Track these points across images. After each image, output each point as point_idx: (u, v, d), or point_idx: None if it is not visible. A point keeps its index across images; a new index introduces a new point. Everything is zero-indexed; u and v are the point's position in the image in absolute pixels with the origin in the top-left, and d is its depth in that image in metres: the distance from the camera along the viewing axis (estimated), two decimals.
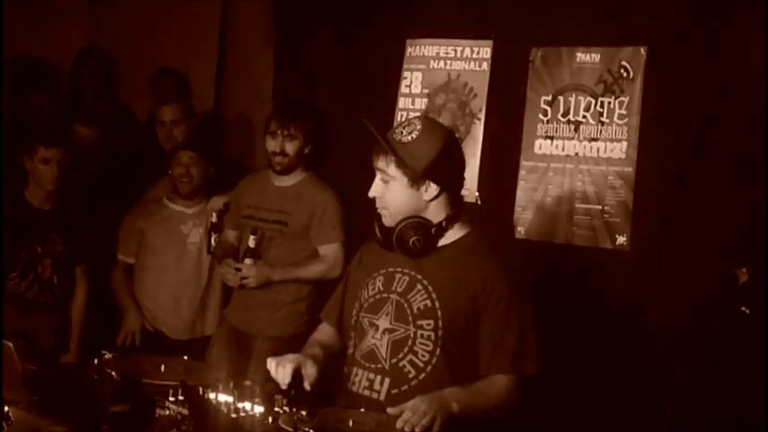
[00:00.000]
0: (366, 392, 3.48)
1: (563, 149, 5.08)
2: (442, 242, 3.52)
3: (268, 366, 3.36)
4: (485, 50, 5.37)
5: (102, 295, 5.72)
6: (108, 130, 6.22)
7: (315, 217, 5.36)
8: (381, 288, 3.56)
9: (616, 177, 4.91)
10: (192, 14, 6.92)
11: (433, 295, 3.46)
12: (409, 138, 3.42)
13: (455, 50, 5.46)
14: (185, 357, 3.79)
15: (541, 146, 5.14)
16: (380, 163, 3.47)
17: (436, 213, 3.50)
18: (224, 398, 3.15)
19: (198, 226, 5.73)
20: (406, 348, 3.45)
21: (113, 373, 3.25)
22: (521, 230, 5.19)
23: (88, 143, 5.98)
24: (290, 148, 5.40)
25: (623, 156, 4.90)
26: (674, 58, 4.80)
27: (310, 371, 3.39)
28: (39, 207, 5.41)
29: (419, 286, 3.49)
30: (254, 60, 6.51)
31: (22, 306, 5.31)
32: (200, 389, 3.13)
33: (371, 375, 3.49)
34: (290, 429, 2.89)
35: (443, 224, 3.50)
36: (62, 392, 3.29)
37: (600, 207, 4.95)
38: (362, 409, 3.32)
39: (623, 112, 4.91)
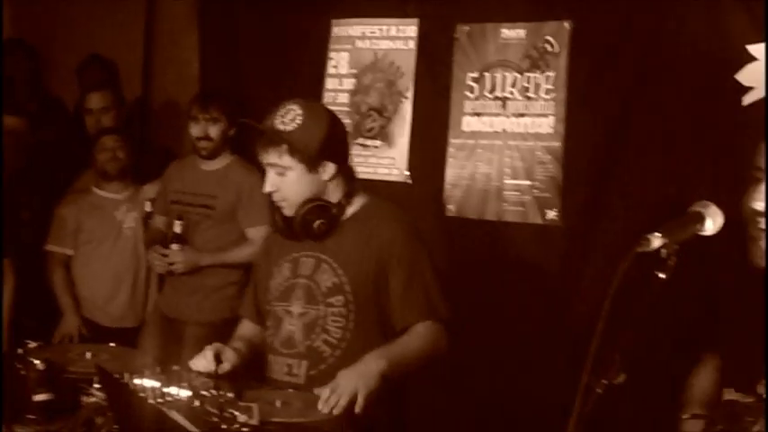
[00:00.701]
0: (287, 378, 3.49)
1: (491, 126, 5.08)
2: (342, 217, 3.55)
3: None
4: (410, 29, 5.35)
5: (37, 287, 5.64)
6: (36, 120, 6.13)
7: (242, 200, 5.33)
8: (288, 275, 3.58)
9: (545, 152, 4.91)
10: (118, 1, 6.84)
11: (339, 271, 3.49)
12: (295, 124, 3.40)
13: (381, 30, 5.44)
14: (111, 344, 3.75)
15: (469, 123, 5.13)
16: (271, 157, 3.44)
17: (335, 192, 3.53)
18: (150, 383, 3.10)
19: (131, 210, 5.69)
20: (318, 328, 3.48)
21: (37, 362, 3.20)
22: (451, 208, 5.18)
23: (16, 134, 5.89)
24: (213, 131, 5.38)
25: (551, 131, 4.90)
26: (598, 31, 4.81)
27: (229, 356, 3.41)
28: None
29: (324, 266, 3.51)
30: (181, 46, 6.46)
31: None
32: (122, 374, 3.09)
33: (290, 361, 3.51)
34: (216, 411, 2.85)
35: (343, 202, 3.53)
36: None
37: (529, 182, 4.95)
38: (290, 390, 3.30)
39: (550, 86, 4.91)
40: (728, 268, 4.20)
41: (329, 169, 3.47)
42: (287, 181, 3.44)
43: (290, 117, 3.43)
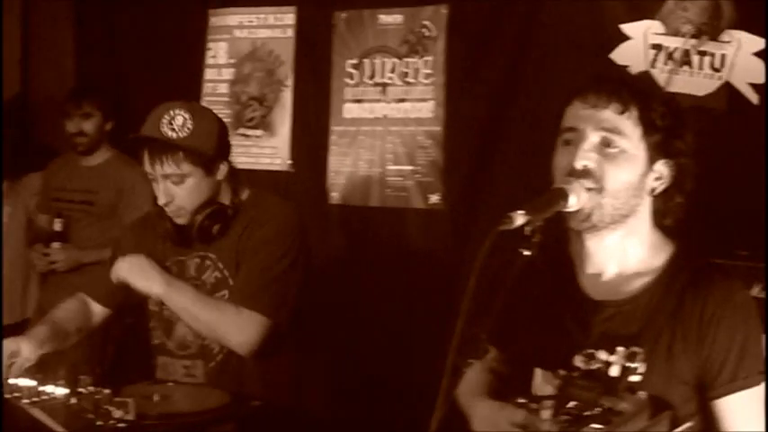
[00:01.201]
0: (186, 379, 3.47)
1: (371, 112, 5.08)
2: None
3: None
4: (288, 17, 5.32)
5: None
6: None
7: (123, 194, 5.27)
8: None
9: (426, 137, 4.93)
10: None
11: (220, 265, 3.46)
12: (187, 129, 3.32)
13: (258, 18, 5.41)
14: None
15: (350, 110, 5.13)
16: (168, 167, 3.32)
17: (226, 191, 3.50)
18: (25, 382, 3.05)
19: (8, 206, 5.58)
20: None
21: None
22: (335, 196, 5.17)
23: None
24: (88, 127, 5.36)
25: (431, 115, 4.91)
26: (475, 14, 4.83)
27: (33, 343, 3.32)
28: None
29: (208, 262, 3.48)
30: (59, 41, 6.35)
31: None
32: None
33: (186, 362, 3.50)
34: (92, 408, 2.81)
35: (236, 201, 3.50)
36: None
37: (411, 167, 4.97)
38: (170, 383, 3.27)
39: (429, 71, 4.93)
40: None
41: (223, 168, 3.44)
42: (185, 188, 3.36)
43: (179, 122, 3.32)
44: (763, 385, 2.37)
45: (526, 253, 2.21)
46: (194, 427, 2.88)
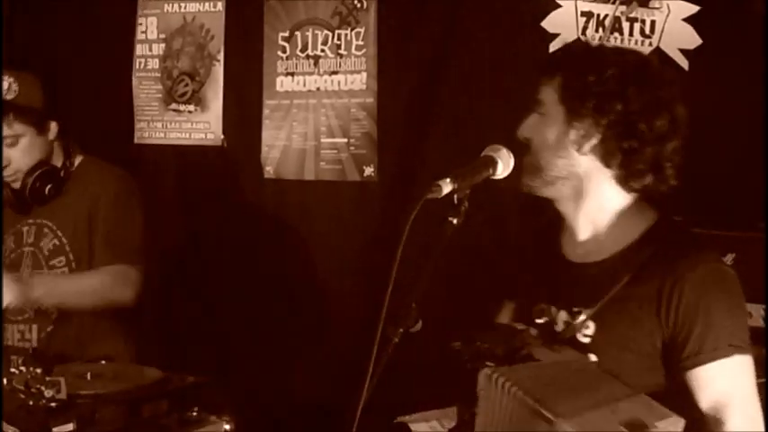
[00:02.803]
0: (20, 344, 3.60)
1: (304, 85, 5.05)
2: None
3: None
4: None
5: None
6: None
7: None
8: (13, 246, 3.68)
9: (359, 109, 4.91)
10: None
11: (59, 233, 3.64)
12: (14, 92, 3.50)
13: None
14: None
15: (283, 83, 5.09)
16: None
17: (58, 153, 3.68)
18: None
19: None
20: None
21: None
22: (269, 170, 5.13)
23: None
24: None
25: (364, 87, 4.89)
26: None
27: None
28: None
29: (45, 230, 3.65)
30: None
31: None
32: None
33: (21, 327, 3.63)
34: (23, 388, 2.78)
35: (67, 164, 3.68)
36: None
37: (345, 140, 4.95)
38: (103, 362, 3.25)
39: (360, 42, 4.90)
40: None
41: (53, 128, 3.62)
42: (19, 149, 3.53)
43: (4, 87, 3.50)
44: (737, 357, 2.37)
45: (454, 221, 2.22)
46: (128, 404, 2.86)
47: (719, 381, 2.37)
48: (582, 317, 2.40)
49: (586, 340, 2.40)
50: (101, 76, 5.55)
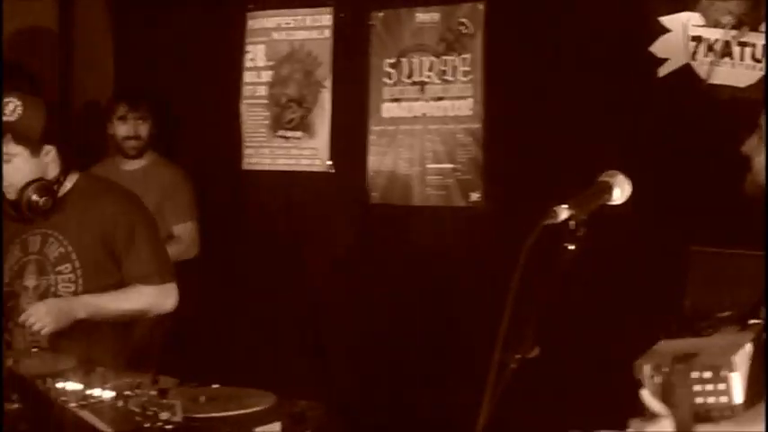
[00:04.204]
0: (30, 346, 3.69)
1: (410, 111, 5.07)
2: (60, 193, 3.82)
3: None
4: (325, 18, 5.33)
5: None
6: None
7: (166, 197, 5.29)
8: (20, 254, 3.84)
9: (465, 135, 4.92)
10: (31, 5, 6.75)
11: (65, 242, 3.78)
12: (17, 115, 3.63)
13: (296, 20, 5.42)
14: (34, 349, 3.70)
15: (389, 109, 5.13)
16: None
17: (53, 170, 3.79)
18: (72, 386, 3.06)
19: None
20: (50, 296, 3.76)
21: None
22: (375, 195, 5.16)
23: None
24: (143, 130, 5.41)
25: (470, 112, 4.90)
26: (512, 10, 4.82)
27: None
28: None
29: (51, 239, 3.80)
30: (97, 47, 6.38)
31: None
32: (45, 378, 3.05)
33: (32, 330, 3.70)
34: (139, 410, 2.82)
35: (61, 178, 3.81)
36: None
37: (451, 166, 4.96)
38: (216, 385, 3.27)
39: (467, 68, 4.92)
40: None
41: (50, 152, 3.74)
42: (12, 167, 3.68)
43: (10, 107, 3.64)
44: None
45: (571, 247, 2.20)
46: (242, 428, 2.89)
47: None
48: None
49: None
50: (210, 103, 5.64)
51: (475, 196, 4.90)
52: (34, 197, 3.72)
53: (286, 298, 5.34)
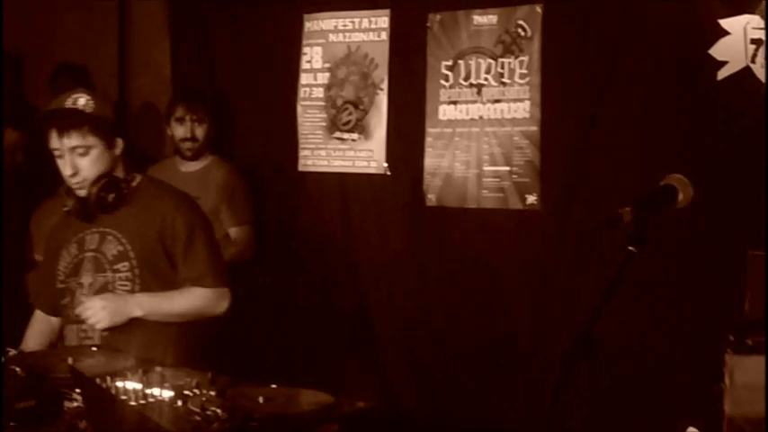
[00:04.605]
0: (84, 343, 3.81)
1: (467, 113, 5.06)
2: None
3: None
4: (382, 20, 5.33)
5: (16, 295, 5.60)
6: (22, 130, 6.14)
7: (224, 199, 5.32)
8: (76, 252, 3.88)
9: (522, 137, 4.90)
10: (91, 7, 6.82)
11: (123, 240, 3.82)
12: (90, 107, 3.70)
13: (353, 22, 5.42)
14: (93, 348, 3.73)
15: (445, 111, 5.12)
16: (75, 139, 3.70)
17: (120, 169, 3.84)
18: (132, 385, 3.09)
19: None
20: (107, 292, 3.80)
21: (18, 370, 3.18)
22: (431, 198, 5.16)
23: (13, 146, 5.93)
24: (200, 132, 5.45)
25: (527, 115, 4.88)
26: (570, 12, 4.80)
27: None
28: None
29: (109, 237, 3.83)
30: (155, 49, 6.44)
31: None
32: (104, 378, 3.07)
33: (84, 326, 3.79)
34: (199, 410, 2.84)
35: (129, 177, 3.87)
36: None
37: (508, 168, 4.94)
38: (273, 386, 3.28)
39: (524, 71, 4.90)
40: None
41: (120, 145, 3.79)
42: (88, 160, 3.73)
43: (82, 101, 3.71)
44: None
45: (633, 250, 2.19)
46: (299, 427, 2.90)
47: None
48: None
49: None
50: (266, 104, 5.67)
51: (531, 199, 4.88)
52: (103, 192, 3.76)
53: (341, 300, 5.35)
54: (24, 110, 6.73)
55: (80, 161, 3.73)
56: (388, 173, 5.29)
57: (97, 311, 3.69)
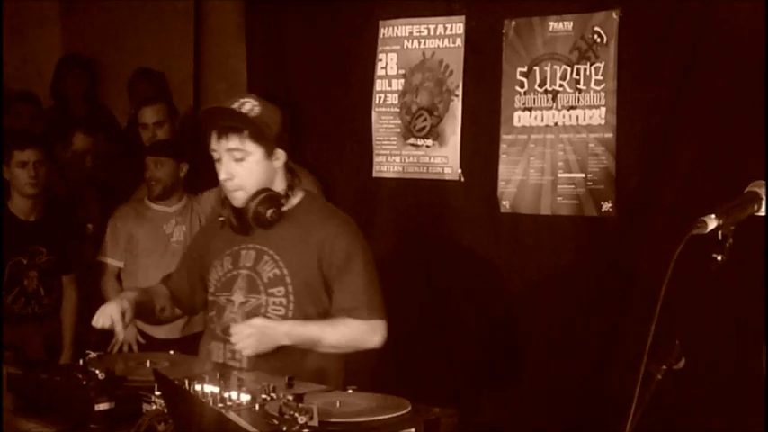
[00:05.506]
0: (230, 363, 3.67)
1: (542, 120, 5.04)
2: (284, 208, 3.70)
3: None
4: (458, 26, 5.33)
5: (92, 299, 5.67)
6: (94, 134, 6.20)
7: None
8: (230, 267, 3.75)
9: (597, 144, 4.87)
10: (166, 13, 6.90)
11: (281, 263, 3.67)
12: (255, 112, 3.56)
13: (428, 29, 5.43)
14: (171, 352, 3.77)
15: (520, 118, 5.11)
16: (232, 142, 3.56)
17: (280, 181, 3.69)
18: (210, 389, 3.11)
19: (181, 224, 5.71)
20: (258, 315, 3.65)
21: (98, 372, 3.22)
22: (505, 204, 5.15)
23: (85, 151, 6.01)
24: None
25: (603, 122, 4.86)
26: (647, 19, 4.77)
27: (129, 314, 3.68)
28: (23, 219, 5.37)
29: (266, 257, 3.69)
30: (230, 55, 6.50)
31: (10, 319, 5.27)
32: (182, 381, 3.10)
33: (231, 347, 3.65)
34: (276, 414, 2.85)
35: (288, 193, 3.71)
36: (49, 394, 3.26)
37: (583, 175, 4.91)
38: (350, 390, 3.29)
39: (599, 77, 4.87)
40: None
41: (281, 157, 3.64)
42: (245, 166, 3.58)
43: (248, 106, 3.57)
44: None
45: (719, 258, 2.18)
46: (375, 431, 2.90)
47: None
48: None
49: None
50: (341, 110, 5.70)
51: (607, 206, 4.85)
52: (261, 207, 3.61)
53: (415, 306, 5.35)
54: (96, 115, 6.84)
55: (236, 167, 3.58)
56: (462, 179, 5.29)
57: (243, 338, 3.54)
